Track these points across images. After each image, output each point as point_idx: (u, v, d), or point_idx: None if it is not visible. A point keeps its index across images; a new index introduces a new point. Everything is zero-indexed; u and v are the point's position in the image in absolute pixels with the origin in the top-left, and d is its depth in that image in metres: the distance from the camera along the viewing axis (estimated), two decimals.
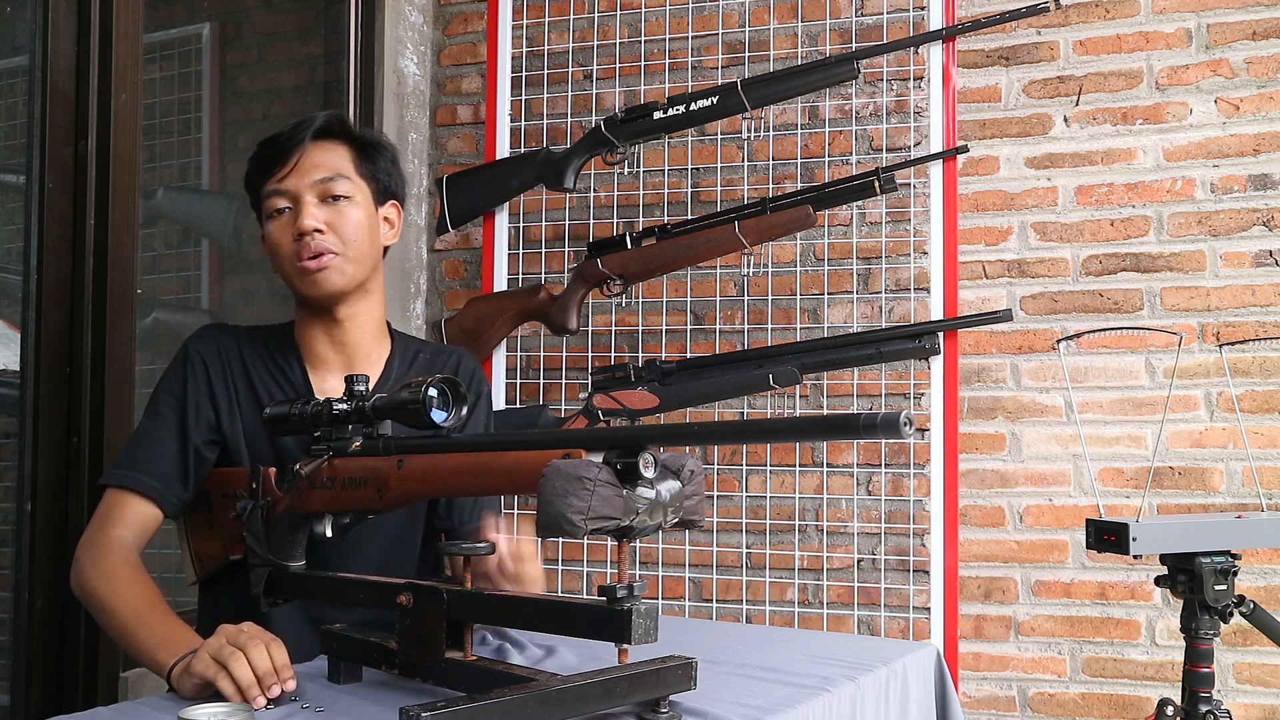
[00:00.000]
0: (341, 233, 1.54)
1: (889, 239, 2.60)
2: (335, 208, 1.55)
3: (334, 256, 1.53)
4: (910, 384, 2.55)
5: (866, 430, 0.85)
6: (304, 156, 1.54)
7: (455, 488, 1.21)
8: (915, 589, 2.52)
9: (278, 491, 1.35)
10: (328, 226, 1.53)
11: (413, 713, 0.90)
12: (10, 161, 2.06)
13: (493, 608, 1.12)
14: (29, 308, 1.95)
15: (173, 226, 2.56)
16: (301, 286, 1.55)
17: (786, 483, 2.65)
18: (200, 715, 1.05)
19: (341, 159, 1.58)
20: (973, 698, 2.54)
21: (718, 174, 2.73)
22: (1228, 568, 1.67)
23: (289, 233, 1.54)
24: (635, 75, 2.81)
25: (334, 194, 1.55)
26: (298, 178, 1.54)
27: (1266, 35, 2.44)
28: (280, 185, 1.54)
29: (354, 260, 1.55)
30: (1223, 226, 2.46)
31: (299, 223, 1.52)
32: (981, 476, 2.56)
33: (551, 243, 2.80)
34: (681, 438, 0.99)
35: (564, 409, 2.68)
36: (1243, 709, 2.38)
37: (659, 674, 1.05)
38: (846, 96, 2.64)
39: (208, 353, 1.57)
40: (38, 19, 1.96)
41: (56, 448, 1.96)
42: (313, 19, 2.90)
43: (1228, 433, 2.43)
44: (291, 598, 1.38)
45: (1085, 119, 2.54)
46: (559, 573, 2.75)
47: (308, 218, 1.52)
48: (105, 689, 2.01)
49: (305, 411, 1.31)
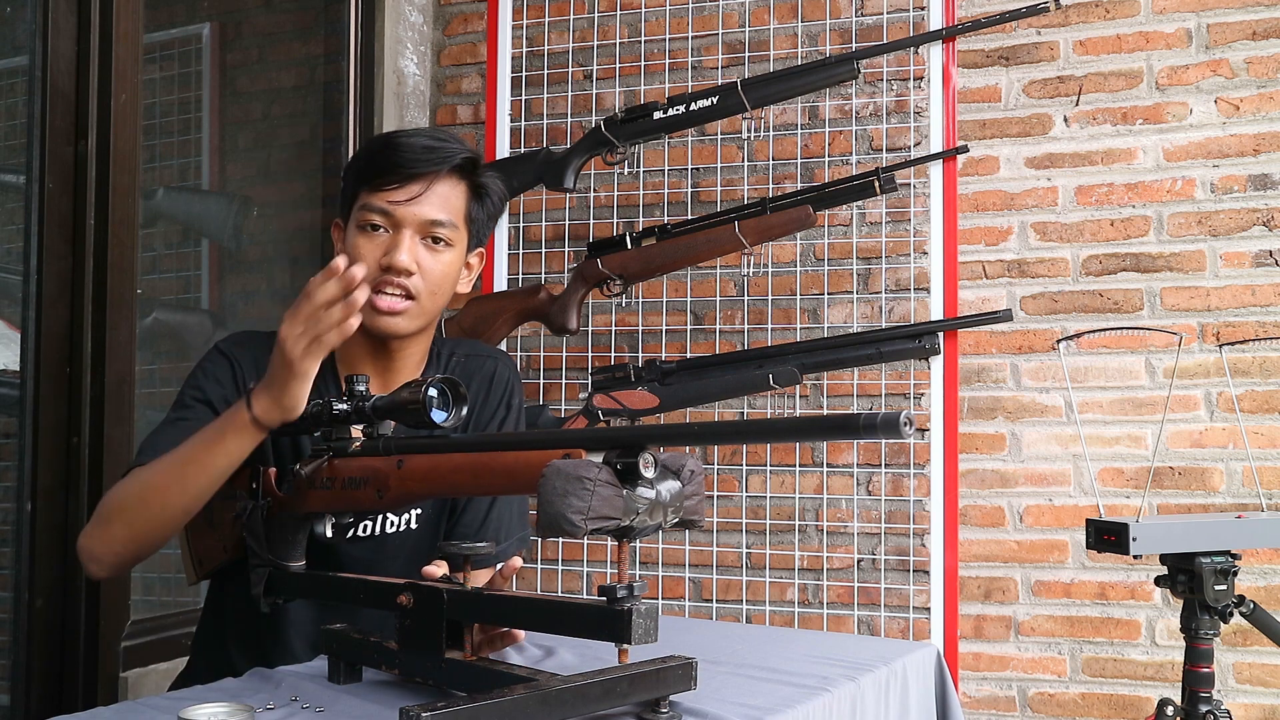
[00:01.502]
0: (429, 279, 1.47)
1: (889, 239, 2.60)
2: (433, 252, 1.47)
3: (411, 303, 1.46)
4: (910, 384, 2.55)
5: (866, 430, 0.85)
6: (430, 190, 1.45)
7: (456, 488, 1.21)
8: (915, 589, 2.52)
9: (278, 491, 1.35)
10: (418, 267, 1.45)
11: (413, 713, 0.90)
12: (10, 161, 2.06)
13: (493, 608, 1.12)
14: (29, 308, 1.95)
15: (173, 226, 2.56)
16: (366, 318, 1.44)
17: (786, 483, 2.65)
18: (200, 715, 1.05)
19: (459, 201, 1.49)
20: (973, 698, 2.54)
21: (718, 174, 2.73)
22: (1228, 568, 1.68)
23: (377, 255, 1.45)
24: (635, 75, 2.81)
25: (436, 237, 1.47)
26: (413, 208, 1.45)
27: (1266, 35, 2.44)
28: (390, 206, 1.45)
29: (428, 311, 1.49)
30: (1223, 226, 2.46)
31: (394, 257, 1.43)
32: (981, 476, 2.56)
33: (551, 243, 2.80)
34: (681, 438, 0.99)
35: (564, 409, 2.68)
36: (1243, 709, 2.38)
37: (659, 674, 1.05)
38: (846, 96, 2.64)
39: (243, 358, 1.51)
40: (38, 19, 1.96)
41: (56, 448, 1.96)
42: (313, 19, 2.90)
43: (1228, 433, 2.43)
44: (291, 598, 1.37)
45: (1085, 119, 2.54)
46: (559, 573, 2.76)
47: (404, 253, 1.44)
48: (105, 689, 2.01)
49: (305, 411, 1.31)
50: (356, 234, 1.47)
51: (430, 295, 1.48)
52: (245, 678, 1.28)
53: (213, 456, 1.32)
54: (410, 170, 1.45)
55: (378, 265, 1.45)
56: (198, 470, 1.32)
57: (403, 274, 1.45)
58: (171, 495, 1.33)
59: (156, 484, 1.34)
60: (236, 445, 1.31)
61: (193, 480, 1.32)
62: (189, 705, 1.07)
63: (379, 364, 1.52)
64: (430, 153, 1.46)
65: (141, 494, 1.35)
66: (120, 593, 2.07)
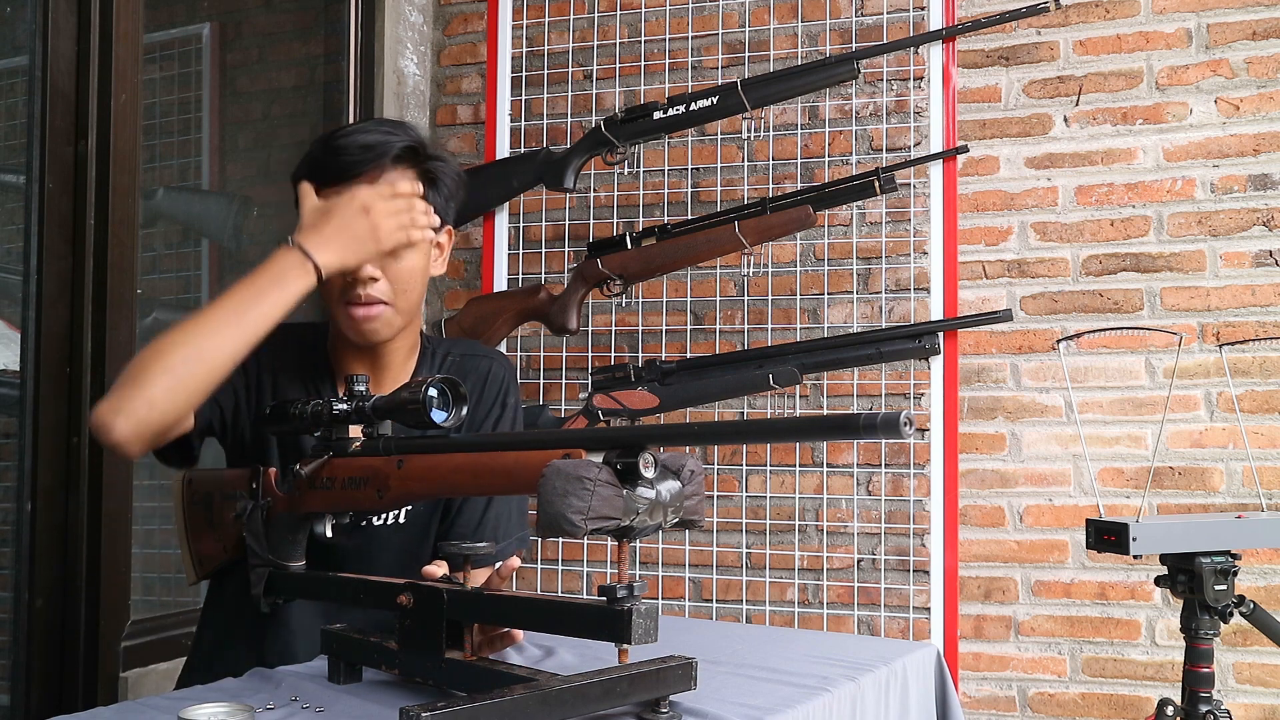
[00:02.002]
0: (397, 280, 1.44)
1: (889, 239, 2.60)
2: (394, 253, 1.43)
3: (385, 308, 1.44)
4: (910, 384, 2.55)
5: (866, 430, 0.85)
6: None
7: (456, 488, 1.21)
8: (915, 589, 2.52)
9: (278, 491, 1.35)
10: (383, 273, 1.42)
11: (413, 713, 0.90)
12: (10, 161, 2.06)
13: (493, 608, 1.12)
14: (29, 308, 1.95)
15: (173, 226, 2.56)
16: (345, 329, 1.46)
17: (786, 483, 2.65)
18: (200, 715, 1.05)
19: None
20: (973, 698, 2.54)
21: (718, 174, 2.73)
22: (1228, 568, 1.68)
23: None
24: (635, 75, 2.81)
25: None
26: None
27: (1266, 35, 2.44)
28: None
29: (404, 310, 1.46)
30: (1223, 226, 2.46)
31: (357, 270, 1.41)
32: (981, 476, 2.56)
33: (551, 243, 2.80)
34: (681, 438, 0.99)
35: (564, 409, 2.68)
36: (1243, 709, 2.38)
37: (659, 674, 1.05)
38: (846, 96, 2.64)
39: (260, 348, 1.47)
40: (38, 19, 1.96)
41: (56, 448, 1.96)
42: (313, 19, 2.90)
43: (1228, 433, 2.43)
44: (291, 598, 1.37)
45: (1085, 119, 2.54)
46: (559, 573, 2.76)
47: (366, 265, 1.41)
48: (105, 689, 2.01)
49: (305, 411, 1.30)
50: None
51: (403, 294, 1.45)
52: (245, 678, 1.28)
53: (268, 301, 1.33)
54: (352, 171, 1.42)
55: (342, 279, 1.42)
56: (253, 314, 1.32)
57: (367, 284, 1.42)
58: (223, 338, 1.31)
59: (205, 328, 1.31)
60: (294, 288, 1.34)
61: (248, 323, 1.32)
62: (189, 705, 1.07)
63: (366, 362, 1.51)
64: (368, 150, 1.43)
65: (186, 340, 1.30)
66: (120, 593, 2.07)
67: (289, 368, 1.53)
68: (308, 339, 1.56)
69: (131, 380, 1.29)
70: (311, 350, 1.55)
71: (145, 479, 2.16)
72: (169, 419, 1.31)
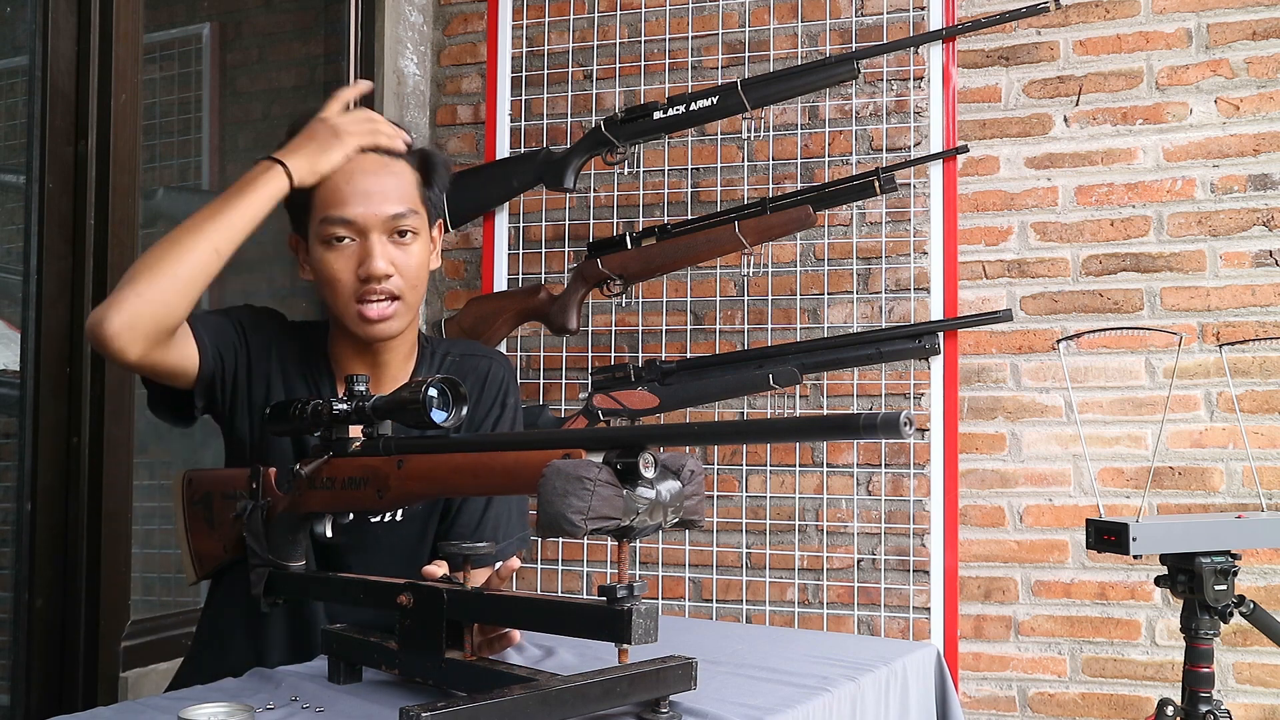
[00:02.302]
0: (407, 275, 1.47)
1: (889, 239, 2.60)
2: (403, 246, 1.46)
3: (397, 304, 1.46)
4: (910, 384, 2.55)
5: (866, 430, 0.85)
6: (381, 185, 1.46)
7: (456, 488, 1.21)
8: (915, 589, 2.52)
9: (278, 491, 1.35)
10: (394, 268, 1.45)
11: (413, 713, 0.90)
12: (10, 161, 2.06)
13: (493, 608, 1.12)
14: (29, 308, 1.95)
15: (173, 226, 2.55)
16: (356, 329, 1.47)
17: (786, 483, 2.65)
18: (200, 715, 1.05)
19: (410, 186, 1.49)
20: (973, 698, 2.54)
21: (718, 174, 2.73)
22: (1228, 568, 1.68)
23: (351, 267, 1.45)
24: (635, 75, 2.81)
25: (402, 229, 1.46)
26: (374, 209, 1.45)
27: (1266, 35, 2.44)
28: (351, 215, 1.45)
29: (413, 305, 1.49)
30: (1223, 226, 2.46)
31: (370, 266, 1.43)
32: (981, 476, 2.56)
33: (551, 243, 2.80)
34: (681, 438, 0.99)
35: (564, 409, 2.68)
36: (1243, 709, 2.38)
37: (659, 674, 1.05)
38: (846, 96, 2.64)
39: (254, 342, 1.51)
40: (38, 19, 1.96)
41: (56, 448, 1.96)
42: (313, 19, 2.90)
43: (1228, 433, 2.43)
44: (291, 598, 1.37)
45: (1085, 119, 2.54)
46: (559, 573, 2.76)
47: (379, 260, 1.44)
48: (105, 689, 2.01)
49: (305, 411, 1.31)
50: (324, 250, 1.47)
51: (412, 289, 1.49)
52: (245, 678, 1.28)
53: (243, 201, 1.43)
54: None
55: (355, 277, 1.45)
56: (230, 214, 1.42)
57: (382, 280, 1.45)
58: (203, 234, 1.40)
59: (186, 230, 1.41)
60: (266, 190, 1.44)
61: (225, 222, 1.42)
62: (189, 705, 1.07)
63: (366, 362, 1.53)
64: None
65: (172, 242, 1.40)
66: (120, 593, 2.07)
67: (292, 364, 1.54)
68: (309, 338, 1.57)
69: (120, 283, 1.38)
70: (312, 350, 1.56)
71: (145, 479, 2.16)
72: (159, 310, 1.36)
